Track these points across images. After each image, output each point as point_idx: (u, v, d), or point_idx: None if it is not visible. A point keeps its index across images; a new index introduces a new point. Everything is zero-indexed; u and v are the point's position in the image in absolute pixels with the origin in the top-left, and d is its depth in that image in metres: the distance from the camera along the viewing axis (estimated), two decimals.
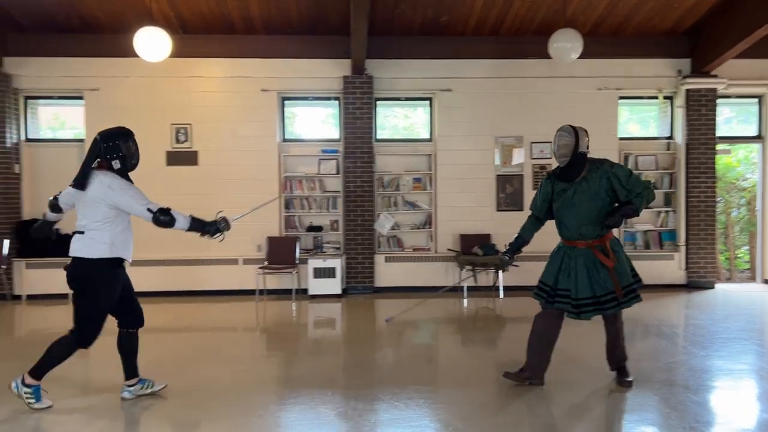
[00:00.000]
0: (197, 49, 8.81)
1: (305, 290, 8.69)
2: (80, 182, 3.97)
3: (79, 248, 3.98)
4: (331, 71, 8.97)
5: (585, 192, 4.23)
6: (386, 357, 5.66)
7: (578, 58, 7.92)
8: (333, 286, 8.62)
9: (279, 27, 8.79)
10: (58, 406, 4.09)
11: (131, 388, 4.26)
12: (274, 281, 8.83)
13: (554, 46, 7.66)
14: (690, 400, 4.10)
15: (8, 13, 8.32)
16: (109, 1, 8.09)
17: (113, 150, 3.99)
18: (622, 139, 9.27)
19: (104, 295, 4.00)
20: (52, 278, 8.62)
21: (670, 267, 9.08)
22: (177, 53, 8.04)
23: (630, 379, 4.40)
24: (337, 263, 8.65)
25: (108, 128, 4.15)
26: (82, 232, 3.98)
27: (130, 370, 4.27)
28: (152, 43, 7.29)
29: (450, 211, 9.15)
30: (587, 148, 4.29)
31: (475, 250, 8.75)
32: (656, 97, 9.27)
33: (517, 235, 4.68)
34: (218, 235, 4.16)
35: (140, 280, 8.72)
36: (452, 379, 4.74)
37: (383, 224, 8.83)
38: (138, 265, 8.67)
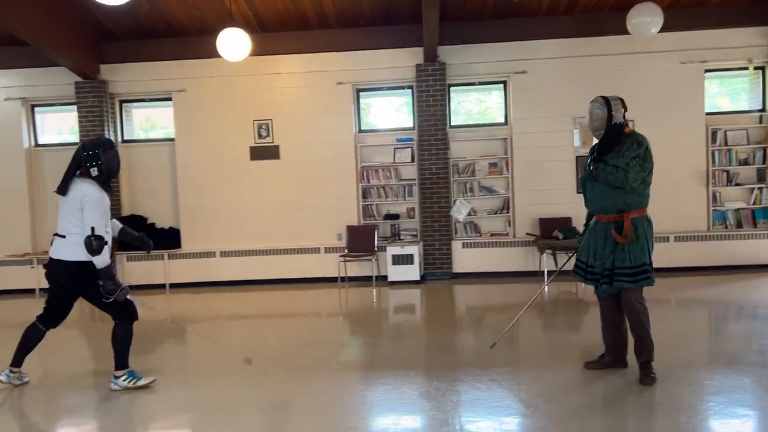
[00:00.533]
0: (275, 46, 9.12)
1: (385, 277, 8.88)
2: (61, 188, 4.27)
3: (59, 251, 4.25)
4: (403, 60, 9.06)
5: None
6: (467, 341, 5.75)
7: (660, 31, 7.65)
8: (411, 272, 8.77)
9: (351, 20, 8.97)
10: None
11: (11, 375, 4.50)
12: (354, 269, 9.08)
13: (633, 21, 7.43)
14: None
15: (102, 24, 8.92)
16: (192, 6, 8.52)
17: (92, 158, 4.25)
18: (709, 114, 8.85)
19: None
20: (150, 270, 9.26)
21: (764, 246, 8.62)
22: (256, 51, 8.38)
23: (654, 375, 4.05)
24: (414, 250, 8.78)
25: (91, 138, 4.45)
26: (63, 236, 4.24)
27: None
28: (233, 43, 7.62)
29: (528, 194, 9.06)
30: (624, 118, 4.12)
31: (555, 233, 8.64)
32: (746, 68, 8.78)
33: (587, 213, 4.51)
34: (110, 296, 4.25)
35: (230, 270, 9.30)
36: (534, 362, 4.77)
37: (459, 210, 8.88)
38: (227, 256, 9.24)
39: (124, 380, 4.37)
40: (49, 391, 4.59)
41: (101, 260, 4.19)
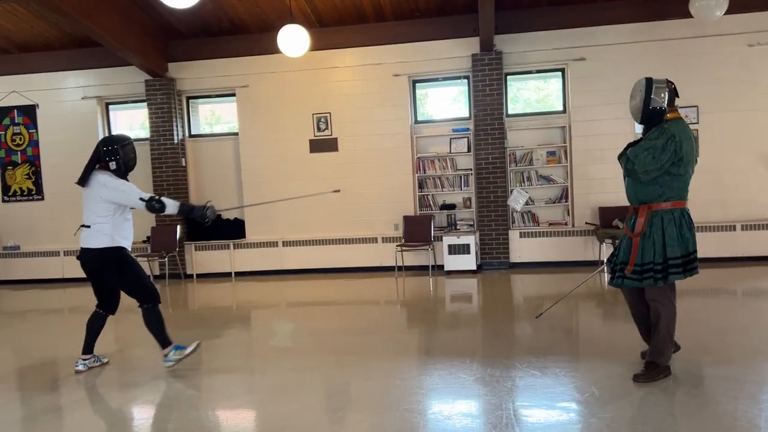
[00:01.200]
0: (332, 40, 9.33)
1: (441, 266, 8.98)
2: (81, 179, 4.63)
3: (86, 240, 4.59)
4: (459, 50, 9.10)
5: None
6: (524, 329, 5.79)
7: (725, 13, 7.39)
8: (468, 262, 8.83)
9: (407, 12, 9.06)
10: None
11: (86, 362, 4.82)
12: (411, 258, 9.22)
13: (696, 4, 7.21)
14: None
15: (169, 23, 9.34)
16: (253, 3, 8.81)
17: (111, 153, 4.58)
18: None
19: (130, 263, 4.62)
20: (217, 259, 9.68)
21: None
22: (315, 46, 8.61)
23: (649, 376, 3.89)
24: (471, 240, 8.84)
25: (110, 135, 4.76)
26: (89, 226, 4.57)
27: (89, 346, 4.82)
28: (293, 39, 7.85)
29: (587, 183, 8.96)
30: (667, 103, 3.87)
31: (615, 222, 8.52)
32: None
33: None
34: (205, 220, 4.65)
35: (291, 259, 9.60)
36: (590, 351, 4.78)
37: (517, 200, 8.87)
38: (289, 245, 9.55)
39: (173, 355, 4.69)
40: (125, 371, 4.94)
41: (172, 208, 4.57)
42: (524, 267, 9.01)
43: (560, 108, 9.19)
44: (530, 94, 9.74)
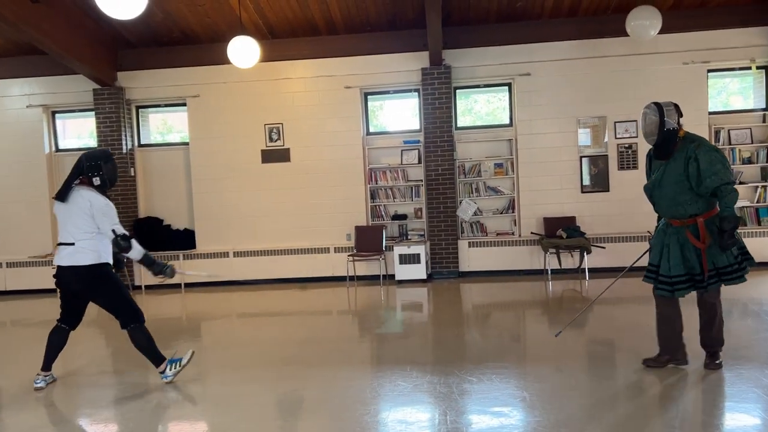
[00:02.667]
0: (285, 52, 9.40)
1: (392, 276, 9.11)
2: (61, 194, 4.48)
3: (70, 258, 4.42)
4: (410, 64, 9.28)
5: (671, 173, 4.16)
6: (468, 338, 5.95)
7: (662, 32, 7.83)
8: (418, 271, 8.98)
9: (359, 25, 9.20)
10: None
11: (46, 378, 4.70)
12: (363, 268, 9.32)
13: (632, 24, 7.57)
14: (766, 375, 4.11)
15: (118, 33, 9.25)
16: (203, 14, 8.82)
17: (94, 169, 4.48)
18: (712, 113, 8.94)
19: (114, 282, 4.56)
20: None
21: None
22: (267, 57, 8.67)
23: (719, 361, 4.30)
24: (421, 249, 8.99)
25: (92, 149, 4.70)
26: (72, 243, 4.42)
27: (49, 362, 4.70)
28: (243, 50, 7.89)
29: (533, 194, 9.23)
30: (678, 124, 4.14)
31: (559, 232, 8.79)
32: (749, 68, 8.86)
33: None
34: (160, 276, 4.62)
35: (242, 269, 9.59)
36: (529, 357, 4.98)
37: (465, 210, 9.08)
38: (240, 256, 9.54)
39: (169, 370, 4.62)
40: (71, 387, 4.89)
41: (136, 254, 4.49)
42: (473, 276, 9.21)
43: (507, 121, 9.46)
44: (479, 107, 9.99)
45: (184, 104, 9.75)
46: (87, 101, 9.68)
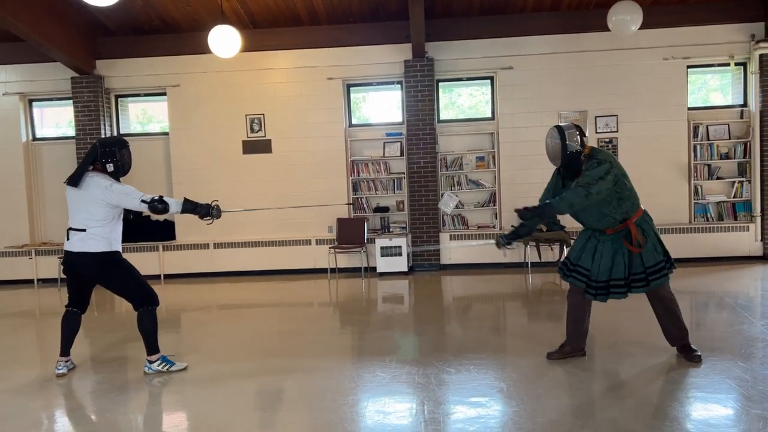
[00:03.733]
0: (266, 42, 9.31)
1: (374, 268, 9.10)
2: (74, 180, 4.42)
3: (81, 244, 4.40)
4: (392, 56, 9.25)
5: None
6: (447, 329, 5.98)
7: (643, 28, 7.87)
8: (400, 264, 8.99)
9: (341, 16, 9.15)
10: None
11: (67, 363, 4.70)
12: (344, 260, 9.30)
13: (613, 19, 7.61)
14: (738, 366, 4.18)
15: (97, 20, 9.11)
16: (184, 2, 8.71)
17: (109, 155, 4.47)
18: (691, 108, 9.04)
19: (125, 268, 4.56)
20: (145, 261, 9.45)
21: (745, 239, 8.81)
22: (248, 47, 8.58)
23: (698, 353, 4.34)
24: (403, 242, 9.00)
25: (107, 137, 4.62)
26: (83, 230, 4.39)
27: (67, 347, 4.69)
28: (224, 40, 7.80)
29: (514, 188, 9.25)
30: (581, 145, 4.22)
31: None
32: (728, 64, 8.96)
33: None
34: (208, 218, 4.55)
35: (223, 261, 9.52)
36: (508, 349, 5.01)
37: (447, 203, 9.09)
38: (221, 247, 9.47)
39: (157, 365, 4.60)
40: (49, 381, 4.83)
41: (175, 209, 4.44)
42: (454, 268, 9.24)
43: (489, 115, 9.48)
44: (461, 100, 10.00)
45: (164, 94, 9.63)
46: (65, 89, 9.52)
